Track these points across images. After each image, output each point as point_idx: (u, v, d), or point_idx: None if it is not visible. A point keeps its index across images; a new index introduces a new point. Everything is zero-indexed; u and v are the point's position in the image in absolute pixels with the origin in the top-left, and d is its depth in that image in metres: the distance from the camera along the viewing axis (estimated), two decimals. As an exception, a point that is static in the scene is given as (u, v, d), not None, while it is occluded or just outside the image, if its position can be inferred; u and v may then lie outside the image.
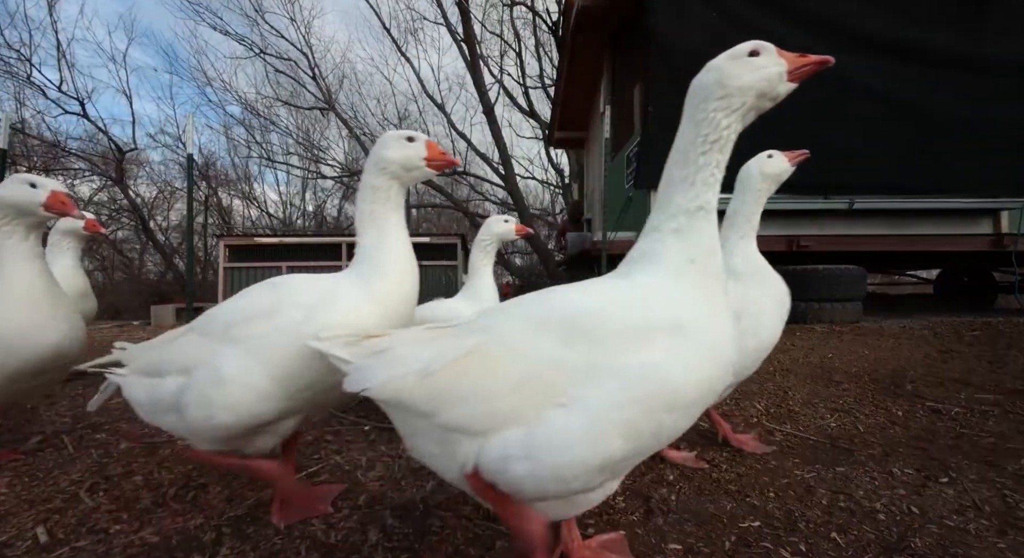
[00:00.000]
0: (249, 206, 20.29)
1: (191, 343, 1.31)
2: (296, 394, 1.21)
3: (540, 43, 16.27)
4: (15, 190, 1.51)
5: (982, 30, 5.25)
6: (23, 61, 13.53)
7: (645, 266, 1.05)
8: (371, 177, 1.35)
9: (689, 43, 5.34)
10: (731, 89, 1.01)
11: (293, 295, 1.25)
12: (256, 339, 1.20)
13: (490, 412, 0.91)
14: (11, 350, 1.48)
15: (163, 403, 1.29)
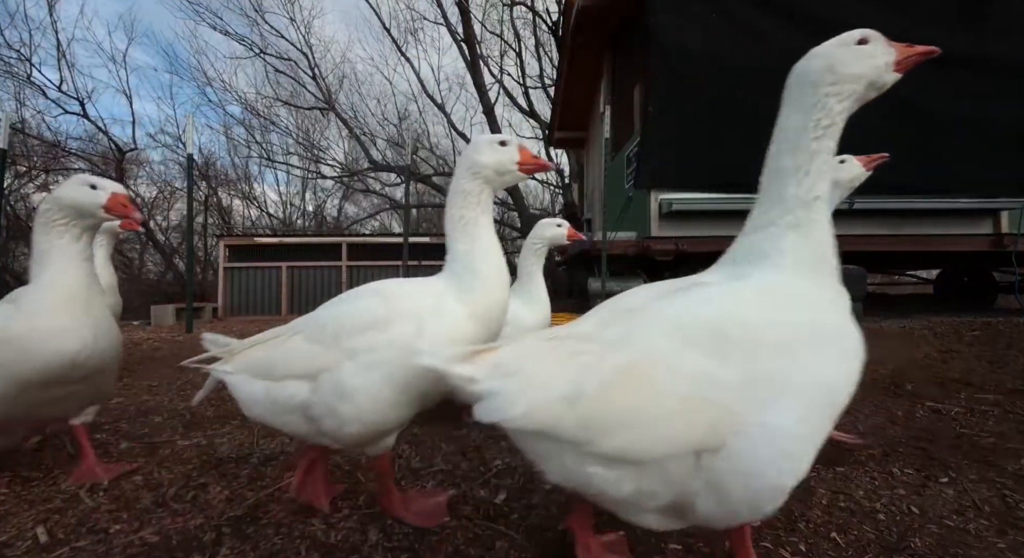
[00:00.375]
0: (249, 206, 20.30)
1: (302, 348, 1.31)
2: (416, 400, 1.24)
3: (540, 43, 16.28)
4: (76, 191, 1.47)
5: (982, 30, 5.25)
6: (23, 61, 13.56)
7: (765, 264, 0.99)
8: (463, 182, 1.35)
9: (689, 43, 5.34)
10: (842, 76, 0.99)
11: (402, 305, 1.25)
12: (373, 353, 1.21)
13: (655, 439, 0.84)
14: (28, 354, 1.40)
15: (284, 406, 1.30)
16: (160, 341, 5.11)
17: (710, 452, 0.83)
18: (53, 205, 1.47)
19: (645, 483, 0.87)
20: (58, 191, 1.48)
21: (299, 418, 1.29)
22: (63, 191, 1.47)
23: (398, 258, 8.88)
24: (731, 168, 5.53)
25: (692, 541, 1.26)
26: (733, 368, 0.85)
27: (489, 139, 1.38)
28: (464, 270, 1.30)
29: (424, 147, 18.02)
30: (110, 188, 1.50)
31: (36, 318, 1.41)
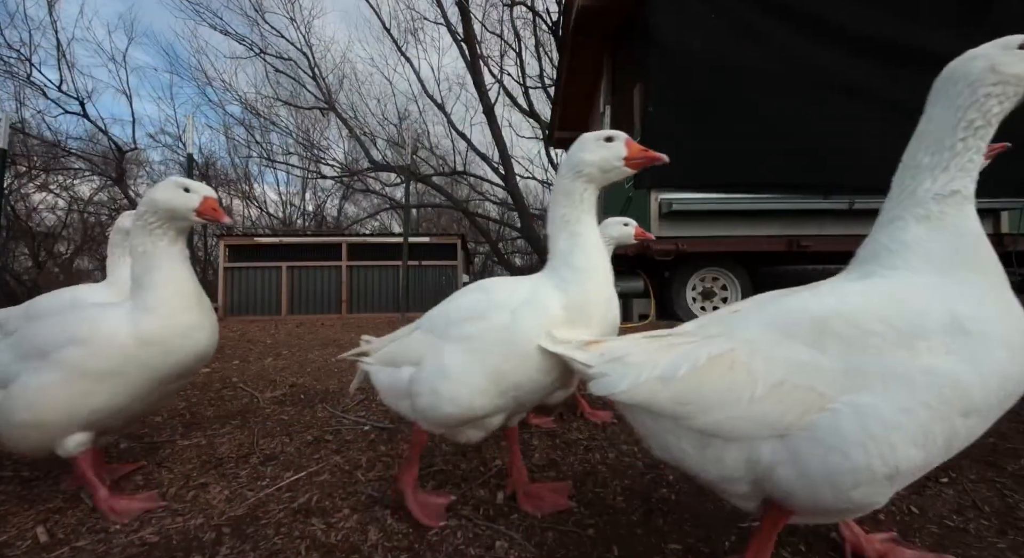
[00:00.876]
0: (249, 206, 20.30)
1: (419, 339, 1.43)
2: (505, 392, 1.29)
3: (540, 43, 16.26)
4: (170, 194, 1.47)
5: (982, 32, 5.25)
6: (23, 61, 13.56)
7: (889, 261, 1.00)
8: (565, 181, 1.37)
9: (689, 43, 5.34)
10: (1007, 77, 0.97)
11: (499, 298, 1.32)
12: (472, 339, 1.29)
13: (746, 417, 0.92)
14: (170, 351, 1.44)
15: (399, 390, 1.41)
16: (160, 341, 5.11)
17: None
18: (149, 207, 1.47)
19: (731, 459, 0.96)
20: (153, 194, 1.48)
21: (406, 400, 1.39)
22: (158, 194, 1.48)
23: (398, 258, 8.88)
24: (731, 168, 5.55)
25: (692, 541, 1.26)
26: (833, 358, 0.89)
27: (595, 136, 1.38)
28: (563, 265, 1.32)
29: (424, 147, 18.02)
30: (202, 192, 1.51)
31: (173, 317, 1.45)
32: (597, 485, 1.58)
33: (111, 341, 1.38)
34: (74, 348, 1.36)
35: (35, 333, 1.44)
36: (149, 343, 1.41)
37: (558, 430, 2.08)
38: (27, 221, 14.52)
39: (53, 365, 1.36)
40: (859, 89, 5.23)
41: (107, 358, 1.37)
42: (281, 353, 4.23)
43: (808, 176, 5.31)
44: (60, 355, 1.36)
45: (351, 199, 21.47)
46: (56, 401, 1.36)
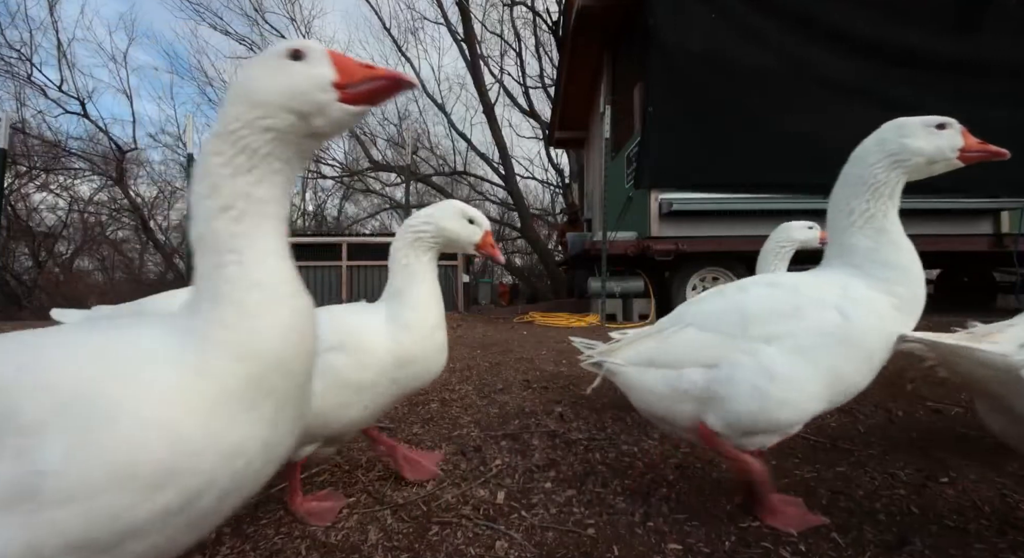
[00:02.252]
0: (249, 206, 20.26)
1: (700, 339, 1.34)
2: (838, 393, 1.23)
3: (540, 43, 16.30)
4: (457, 224, 1.45)
5: (981, 33, 5.26)
6: (24, 61, 13.59)
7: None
8: (876, 169, 1.26)
9: (689, 43, 5.35)
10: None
11: (811, 294, 1.27)
12: (792, 338, 1.22)
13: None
14: (420, 371, 1.42)
15: (682, 392, 1.33)
16: (160, 341, 5.10)
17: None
18: (431, 230, 1.44)
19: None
20: (440, 220, 1.44)
21: (692, 405, 1.32)
22: (445, 222, 1.44)
23: (398, 258, 8.86)
24: (731, 168, 5.55)
25: (692, 541, 1.26)
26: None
27: (923, 121, 1.24)
28: (872, 263, 1.26)
29: (424, 147, 18.02)
30: (484, 226, 1.49)
31: (428, 337, 1.41)
32: (597, 485, 1.58)
33: (373, 353, 1.32)
34: (338, 355, 1.28)
35: None
36: (405, 361, 1.36)
37: (558, 430, 2.09)
38: (27, 221, 14.53)
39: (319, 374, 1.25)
40: (859, 89, 5.23)
41: (365, 369, 1.31)
42: (281, 353, 4.22)
43: (808, 176, 5.31)
44: (326, 360, 1.24)
45: (351, 199, 21.50)
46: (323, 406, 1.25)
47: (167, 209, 18.05)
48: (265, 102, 0.74)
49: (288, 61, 0.76)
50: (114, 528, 0.61)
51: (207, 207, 0.72)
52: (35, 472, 0.57)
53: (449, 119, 17.24)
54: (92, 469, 0.59)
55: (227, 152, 0.72)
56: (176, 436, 0.63)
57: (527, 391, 2.70)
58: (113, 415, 0.61)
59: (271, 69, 0.76)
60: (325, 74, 0.76)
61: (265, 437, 0.70)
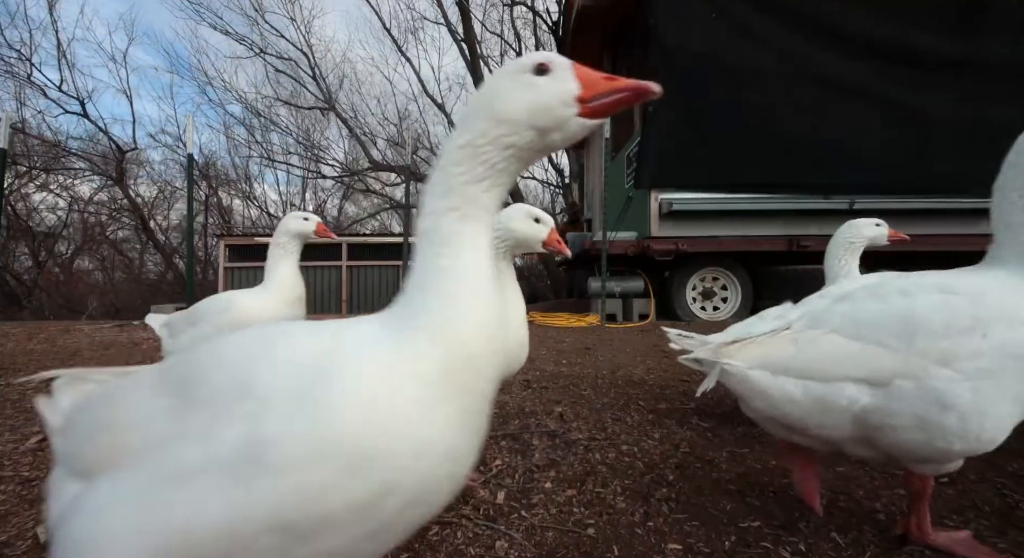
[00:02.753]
0: (249, 206, 20.32)
1: (849, 348, 1.20)
2: None
3: (540, 43, 16.27)
4: (525, 225, 1.55)
5: (981, 33, 5.26)
6: (23, 61, 13.58)
7: None
8: None
9: (689, 43, 5.35)
10: None
11: (995, 305, 1.11)
12: (978, 360, 1.07)
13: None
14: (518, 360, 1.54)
15: (835, 409, 1.18)
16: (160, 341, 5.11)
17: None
18: (503, 231, 1.54)
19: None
20: (508, 220, 1.55)
21: (846, 422, 1.18)
22: (514, 224, 1.55)
23: (398, 258, 8.88)
24: (731, 168, 5.55)
25: (692, 541, 1.26)
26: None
27: None
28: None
29: (424, 147, 18.01)
30: (549, 224, 1.58)
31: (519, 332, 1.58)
32: (597, 485, 1.58)
33: None
34: None
35: None
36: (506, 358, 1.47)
37: (558, 430, 2.09)
38: (27, 221, 14.53)
39: None
40: (859, 89, 5.23)
41: None
42: (281, 353, 4.22)
43: (808, 176, 5.31)
44: None
45: (351, 199, 21.50)
46: None
47: (167, 209, 18.07)
48: (512, 120, 0.75)
49: (534, 76, 0.76)
50: (310, 512, 0.62)
51: (438, 206, 0.76)
52: (258, 439, 0.62)
53: (449, 119, 17.25)
54: (302, 438, 0.62)
55: (466, 163, 0.76)
56: (375, 411, 0.66)
57: (527, 391, 2.70)
58: (326, 386, 0.65)
59: (518, 85, 0.76)
60: (570, 89, 0.76)
61: (450, 442, 0.70)
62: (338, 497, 0.63)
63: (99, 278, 16.81)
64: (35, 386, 3.02)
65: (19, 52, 13.44)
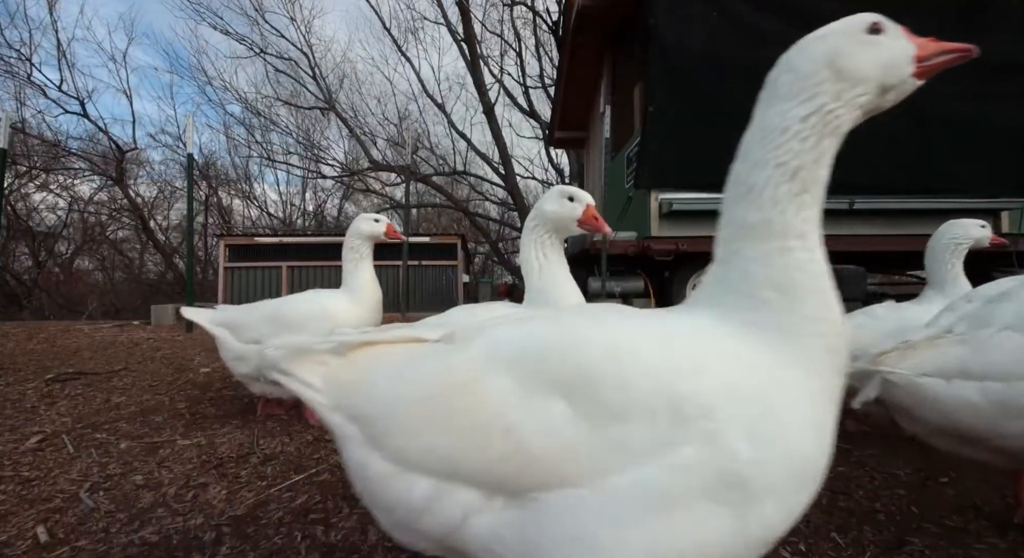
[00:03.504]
0: (249, 206, 20.32)
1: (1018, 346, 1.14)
2: None
3: (540, 43, 16.26)
4: (557, 204, 1.46)
5: (982, 31, 5.26)
6: (23, 61, 13.57)
7: None
8: None
9: (689, 43, 5.34)
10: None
11: None
12: None
13: None
14: None
15: (1018, 411, 1.11)
16: (160, 341, 5.11)
17: None
18: (539, 220, 1.47)
19: None
20: (540, 205, 1.48)
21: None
22: (546, 205, 1.47)
23: (398, 258, 8.88)
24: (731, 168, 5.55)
25: (692, 541, 1.26)
26: None
27: None
28: None
29: (424, 147, 18.02)
30: (585, 200, 1.49)
31: None
32: (597, 485, 1.58)
33: None
34: None
35: None
36: None
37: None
38: (27, 221, 14.53)
39: None
40: (859, 89, 5.23)
41: None
42: (281, 353, 4.22)
43: (808, 176, 5.31)
44: None
45: (351, 199, 21.50)
46: None
47: (167, 209, 18.06)
48: (865, 78, 0.70)
49: (872, 35, 0.73)
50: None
51: (782, 192, 0.69)
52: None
53: (449, 119, 17.22)
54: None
55: (814, 136, 0.68)
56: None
57: (527, 391, 2.70)
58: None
59: (862, 44, 0.72)
60: (910, 48, 0.74)
61: (826, 460, 0.66)
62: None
63: (99, 278, 16.81)
64: (34, 386, 3.02)
65: (19, 52, 13.44)
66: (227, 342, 2.20)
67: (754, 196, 0.71)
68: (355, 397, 0.78)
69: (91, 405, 2.62)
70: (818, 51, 0.73)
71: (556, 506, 0.62)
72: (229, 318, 2.25)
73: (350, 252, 2.20)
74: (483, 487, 0.66)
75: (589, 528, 0.60)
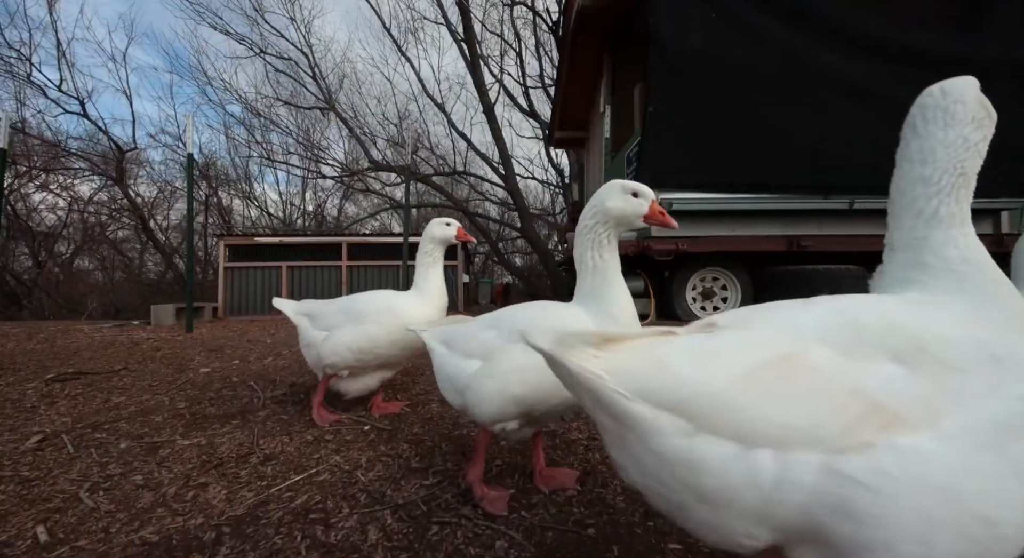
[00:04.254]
0: (249, 206, 20.32)
1: None
2: None
3: (540, 43, 16.27)
4: (622, 201, 1.38)
5: (982, 33, 5.26)
6: (23, 60, 13.56)
7: None
8: None
9: (689, 43, 5.35)
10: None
11: None
12: None
13: None
14: None
15: None
16: (160, 341, 5.11)
17: None
18: (601, 214, 1.39)
19: None
20: (603, 200, 1.40)
21: None
22: (610, 202, 1.39)
23: (398, 258, 8.87)
24: (731, 168, 5.55)
25: (692, 541, 1.26)
26: None
27: None
28: None
29: (424, 147, 18.01)
30: (650, 196, 1.42)
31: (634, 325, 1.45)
32: (597, 485, 1.58)
33: None
34: None
35: None
36: None
37: (558, 430, 2.09)
38: (27, 221, 14.54)
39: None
40: (859, 89, 5.23)
41: None
42: (281, 353, 4.22)
43: (808, 176, 5.31)
44: None
45: (351, 199, 21.50)
46: None
47: (167, 209, 18.06)
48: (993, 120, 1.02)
49: None
50: None
51: (963, 193, 0.91)
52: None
53: (449, 119, 17.21)
54: None
55: (979, 155, 0.96)
56: None
57: (527, 391, 2.70)
58: None
59: None
60: None
61: None
62: None
63: (99, 278, 16.81)
64: (34, 386, 3.02)
65: (19, 52, 13.43)
66: (305, 330, 2.35)
67: (943, 194, 0.90)
68: (656, 384, 0.76)
69: (91, 405, 2.62)
70: (975, 92, 1.01)
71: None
72: (309, 308, 2.41)
73: (424, 256, 2.31)
74: (823, 447, 0.69)
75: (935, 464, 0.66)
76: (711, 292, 5.80)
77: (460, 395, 1.48)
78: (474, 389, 1.42)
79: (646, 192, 1.40)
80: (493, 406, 1.38)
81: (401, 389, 2.84)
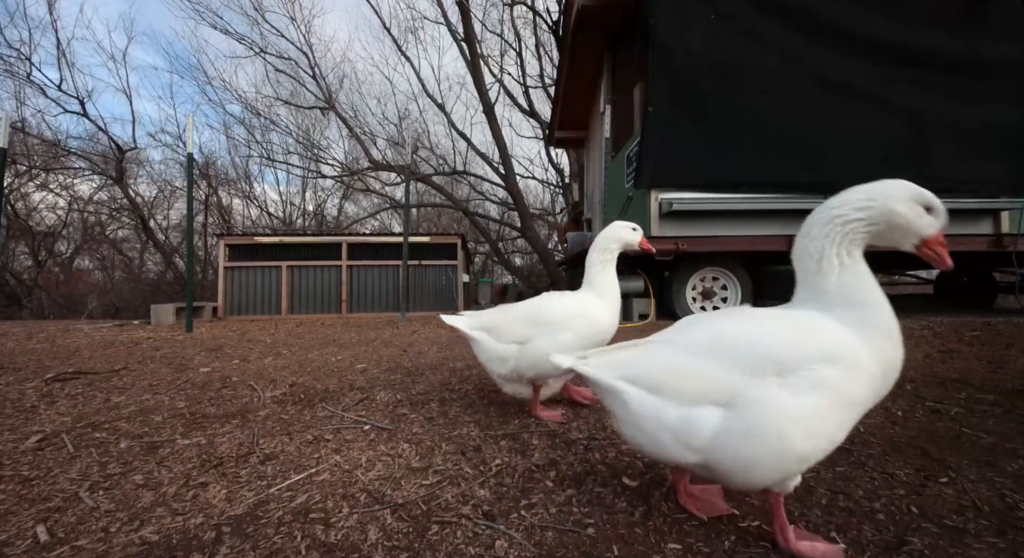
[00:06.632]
0: (249, 206, 20.31)
1: None
2: None
3: (540, 43, 16.26)
4: (911, 210, 1.22)
5: (981, 32, 5.26)
6: (23, 60, 13.55)
7: None
8: None
9: (689, 43, 5.35)
10: None
11: None
12: None
13: None
14: None
15: None
16: (160, 341, 5.11)
17: None
18: (876, 212, 1.21)
19: None
20: (888, 198, 1.23)
21: None
22: (896, 203, 1.22)
23: (398, 258, 8.87)
24: (731, 168, 5.55)
25: (692, 541, 1.26)
26: None
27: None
28: None
29: (424, 147, 18.01)
30: (942, 220, 1.28)
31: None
32: (597, 485, 1.58)
33: (865, 368, 1.12)
34: (829, 368, 1.09)
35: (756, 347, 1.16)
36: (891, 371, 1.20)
37: (558, 430, 2.09)
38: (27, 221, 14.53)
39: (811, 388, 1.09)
40: (860, 89, 5.23)
41: (858, 384, 1.12)
42: (281, 352, 4.22)
43: (808, 176, 5.32)
44: (815, 375, 1.09)
45: (351, 199, 21.49)
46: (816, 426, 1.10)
47: (167, 209, 18.07)
48: None
49: None
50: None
51: None
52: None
53: (449, 119, 17.19)
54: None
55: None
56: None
57: (527, 391, 2.70)
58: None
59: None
60: None
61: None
62: None
63: (99, 278, 16.82)
64: (34, 386, 3.02)
65: (19, 51, 13.42)
66: (489, 345, 2.26)
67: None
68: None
69: (91, 405, 2.62)
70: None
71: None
72: (484, 322, 2.32)
73: (602, 254, 2.23)
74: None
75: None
76: (711, 292, 5.80)
77: (696, 453, 1.18)
78: (730, 452, 1.13)
79: (940, 212, 1.22)
80: (769, 471, 1.12)
81: (401, 389, 2.84)
